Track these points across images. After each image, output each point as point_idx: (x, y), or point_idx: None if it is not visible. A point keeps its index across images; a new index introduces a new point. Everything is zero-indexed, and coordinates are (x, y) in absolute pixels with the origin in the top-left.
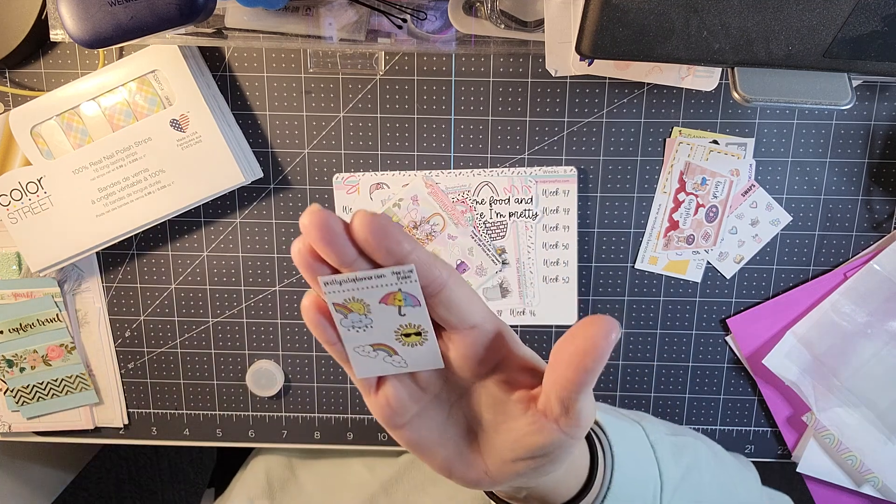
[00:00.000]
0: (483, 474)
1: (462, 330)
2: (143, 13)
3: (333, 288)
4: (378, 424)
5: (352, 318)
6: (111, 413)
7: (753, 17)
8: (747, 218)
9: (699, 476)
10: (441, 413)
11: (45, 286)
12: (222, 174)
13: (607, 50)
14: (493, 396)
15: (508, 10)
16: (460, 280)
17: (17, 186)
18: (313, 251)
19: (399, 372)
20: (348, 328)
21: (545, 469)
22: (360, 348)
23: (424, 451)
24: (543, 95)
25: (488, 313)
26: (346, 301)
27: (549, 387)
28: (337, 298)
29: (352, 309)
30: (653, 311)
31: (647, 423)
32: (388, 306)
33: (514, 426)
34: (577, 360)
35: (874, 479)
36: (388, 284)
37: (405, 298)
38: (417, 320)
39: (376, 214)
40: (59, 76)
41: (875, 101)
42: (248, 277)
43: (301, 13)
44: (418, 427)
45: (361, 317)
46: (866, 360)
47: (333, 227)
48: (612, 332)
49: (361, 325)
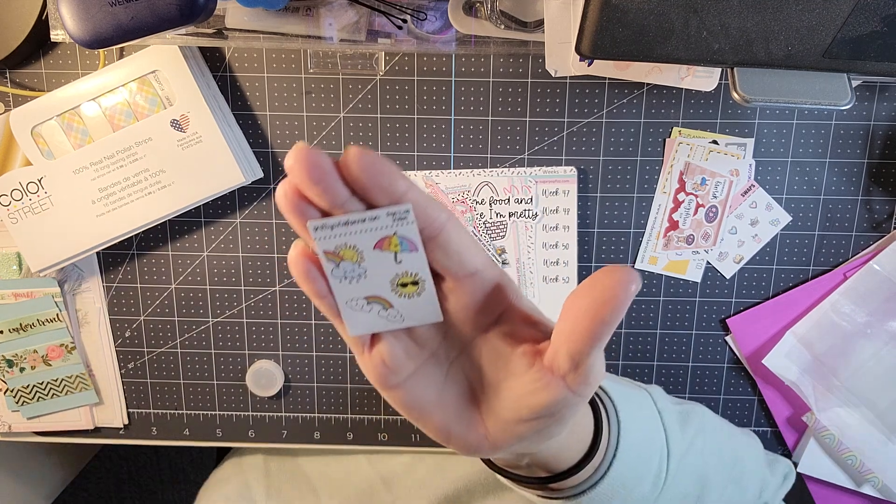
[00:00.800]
0: (483, 439)
1: (462, 277)
2: (143, 13)
3: (324, 233)
4: (377, 424)
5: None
6: (111, 413)
7: (753, 17)
8: (747, 218)
9: (703, 444)
10: (439, 372)
11: (46, 286)
12: (222, 174)
13: (607, 50)
14: (495, 351)
15: (508, 10)
16: (459, 224)
17: (18, 186)
18: (301, 193)
19: (395, 328)
20: (340, 279)
21: (549, 431)
22: (353, 302)
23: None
24: (543, 96)
25: (488, 260)
26: (337, 248)
27: (560, 339)
28: (328, 245)
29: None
30: (653, 312)
31: (653, 390)
32: (383, 252)
33: (517, 383)
34: (593, 311)
35: (874, 478)
36: (384, 227)
37: (401, 243)
38: (415, 268)
39: (368, 150)
40: (59, 76)
41: (874, 101)
42: (248, 277)
43: (301, 13)
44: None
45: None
46: (866, 360)
47: (323, 164)
48: (632, 282)
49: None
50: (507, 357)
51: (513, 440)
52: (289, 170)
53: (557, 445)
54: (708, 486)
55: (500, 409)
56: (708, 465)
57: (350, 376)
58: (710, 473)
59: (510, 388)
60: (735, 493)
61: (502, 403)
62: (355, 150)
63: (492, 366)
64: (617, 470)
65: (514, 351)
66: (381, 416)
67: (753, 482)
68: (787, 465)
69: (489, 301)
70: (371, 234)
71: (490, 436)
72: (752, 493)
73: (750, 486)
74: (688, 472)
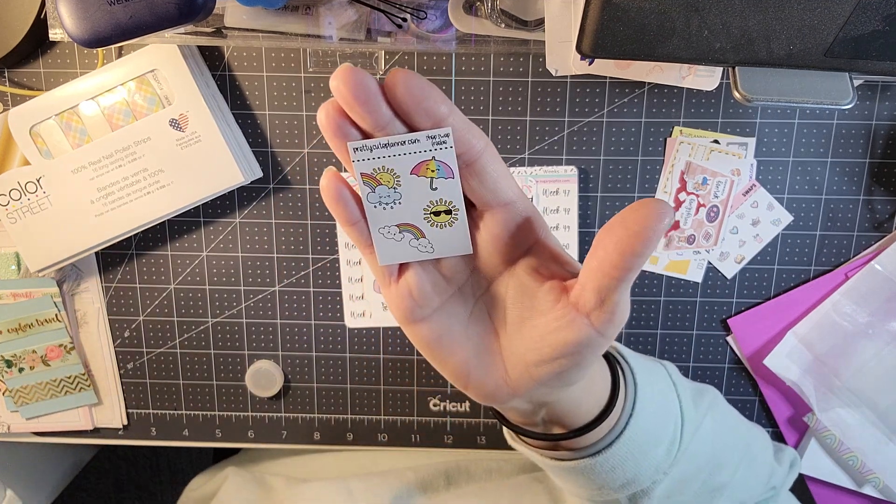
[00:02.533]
0: (502, 382)
1: (495, 207)
2: (142, 12)
3: (363, 155)
4: (377, 425)
5: (379, 192)
6: (110, 413)
7: (754, 16)
8: (748, 218)
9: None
10: (464, 309)
11: (44, 286)
12: (222, 174)
13: (608, 49)
14: (521, 287)
15: (509, 9)
16: (495, 153)
17: (16, 186)
18: (343, 112)
19: (426, 258)
20: (375, 204)
21: (569, 375)
22: (386, 229)
23: (441, 352)
24: (544, 95)
25: (521, 192)
26: (374, 171)
27: (588, 274)
28: (366, 168)
29: (381, 181)
30: (653, 312)
31: (667, 364)
32: (419, 178)
33: (541, 321)
34: (624, 244)
35: (875, 479)
36: (423, 151)
37: (438, 168)
38: (449, 195)
39: (414, 73)
40: (58, 76)
41: (876, 100)
42: (248, 277)
43: (301, 12)
44: (439, 322)
45: (390, 191)
46: (867, 361)
47: (368, 84)
48: (666, 215)
49: (389, 200)
50: (532, 293)
51: (532, 384)
52: (334, 90)
53: (575, 398)
54: (719, 465)
55: (521, 348)
56: (720, 443)
57: (350, 376)
58: (721, 452)
59: (534, 326)
60: (746, 475)
61: (525, 342)
62: (402, 72)
63: (517, 303)
64: (633, 430)
65: (539, 287)
66: (381, 417)
67: (763, 468)
68: (792, 453)
69: (519, 234)
70: (409, 158)
71: (510, 380)
72: (761, 478)
73: (761, 471)
74: (701, 445)
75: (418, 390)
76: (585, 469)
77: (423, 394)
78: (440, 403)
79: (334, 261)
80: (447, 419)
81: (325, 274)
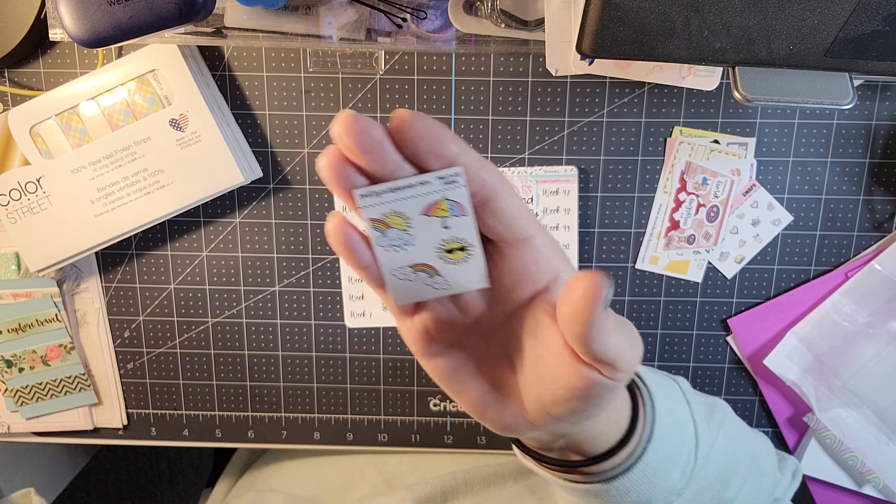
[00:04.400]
0: (519, 417)
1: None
2: (142, 12)
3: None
4: (377, 425)
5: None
6: (110, 413)
7: (754, 16)
8: (748, 218)
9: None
10: (481, 342)
11: (44, 286)
12: (222, 174)
13: (608, 49)
14: (536, 324)
15: (509, 9)
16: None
17: (16, 186)
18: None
19: (441, 295)
20: (386, 247)
21: (586, 413)
22: (399, 270)
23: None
24: (544, 95)
25: (540, 227)
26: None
27: (569, 341)
28: (375, 213)
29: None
30: (653, 312)
31: (679, 380)
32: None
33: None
34: (571, 320)
35: (875, 479)
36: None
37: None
38: (463, 233)
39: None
40: (58, 76)
41: (876, 100)
42: (248, 277)
43: (301, 12)
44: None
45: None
46: (867, 361)
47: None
48: (601, 293)
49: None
50: (547, 331)
51: (549, 421)
52: (337, 139)
53: (596, 429)
54: (728, 480)
55: (537, 387)
56: (730, 459)
57: (350, 376)
58: (731, 467)
59: (549, 367)
60: (753, 488)
61: (540, 382)
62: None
63: (532, 340)
64: (650, 456)
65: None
66: (381, 417)
67: (768, 479)
68: (794, 463)
69: (537, 269)
70: (420, 200)
71: (527, 414)
72: (766, 489)
73: (765, 483)
74: (713, 463)
75: (418, 390)
76: (600, 492)
77: (423, 394)
78: (440, 403)
79: (334, 261)
80: (447, 419)
81: (325, 274)
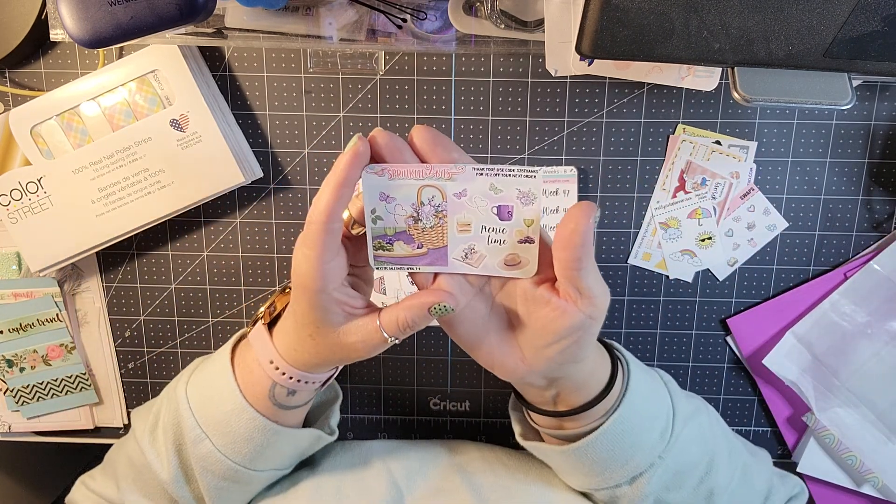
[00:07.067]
0: (520, 362)
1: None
2: (143, 13)
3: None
4: (377, 424)
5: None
6: (111, 413)
7: (753, 16)
8: (744, 221)
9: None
10: (485, 306)
11: (45, 286)
12: (222, 174)
13: (607, 50)
14: (525, 289)
15: (508, 9)
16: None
17: (17, 186)
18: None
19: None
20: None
21: (573, 352)
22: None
23: (473, 344)
24: (543, 95)
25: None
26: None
27: (559, 273)
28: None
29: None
30: (653, 311)
31: (660, 371)
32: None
33: (543, 313)
34: (566, 242)
35: (874, 478)
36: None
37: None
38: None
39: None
40: (58, 76)
41: (875, 100)
42: (248, 277)
43: (301, 13)
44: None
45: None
46: (866, 360)
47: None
48: (590, 214)
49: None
50: (534, 292)
51: (544, 361)
52: (418, 138)
53: (581, 380)
54: (714, 467)
55: (532, 335)
56: (713, 443)
57: (350, 376)
58: (716, 452)
59: (538, 318)
60: (741, 483)
61: (533, 330)
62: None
63: (523, 300)
64: (626, 408)
65: (539, 287)
66: (381, 416)
67: (760, 480)
68: (798, 483)
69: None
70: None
71: (526, 360)
72: (758, 489)
73: (757, 482)
74: (693, 439)
75: (418, 390)
76: (589, 448)
77: (423, 393)
78: (440, 403)
79: None
80: (447, 418)
81: None
